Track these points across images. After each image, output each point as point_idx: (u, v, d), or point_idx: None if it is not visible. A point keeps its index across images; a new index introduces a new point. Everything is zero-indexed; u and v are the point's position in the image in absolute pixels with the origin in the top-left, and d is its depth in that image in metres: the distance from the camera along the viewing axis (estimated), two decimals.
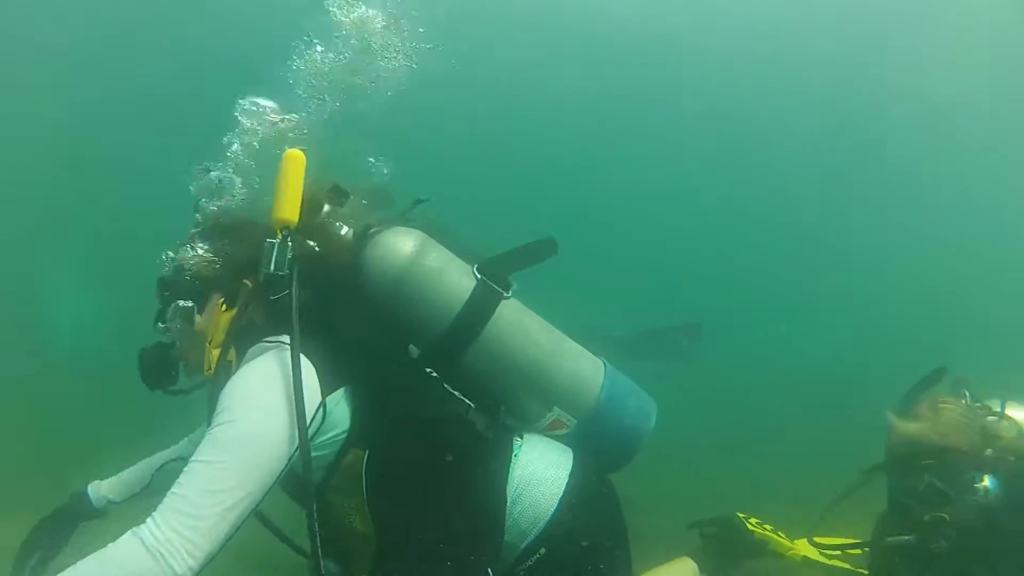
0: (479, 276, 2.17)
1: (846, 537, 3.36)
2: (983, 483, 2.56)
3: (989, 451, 2.56)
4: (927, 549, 2.57)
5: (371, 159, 2.47)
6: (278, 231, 2.00)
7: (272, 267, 1.96)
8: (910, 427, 2.65)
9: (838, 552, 3.37)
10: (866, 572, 3.13)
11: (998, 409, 2.66)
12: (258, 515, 1.89)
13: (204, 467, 1.70)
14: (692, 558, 3.19)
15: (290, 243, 2.00)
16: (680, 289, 14.45)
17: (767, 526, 3.43)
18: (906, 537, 2.62)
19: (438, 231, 2.30)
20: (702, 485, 7.10)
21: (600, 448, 2.25)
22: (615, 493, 2.29)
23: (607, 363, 2.34)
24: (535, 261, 2.34)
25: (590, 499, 2.13)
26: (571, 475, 2.10)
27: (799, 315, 14.59)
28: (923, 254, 16.61)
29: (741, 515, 3.40)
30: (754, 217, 16.42)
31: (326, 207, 2.18)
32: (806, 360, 12.71)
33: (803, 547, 3.45)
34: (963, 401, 2.71)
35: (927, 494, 2.57)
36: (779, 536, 3.42)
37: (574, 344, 2.30)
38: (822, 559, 3.40)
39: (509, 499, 2.02)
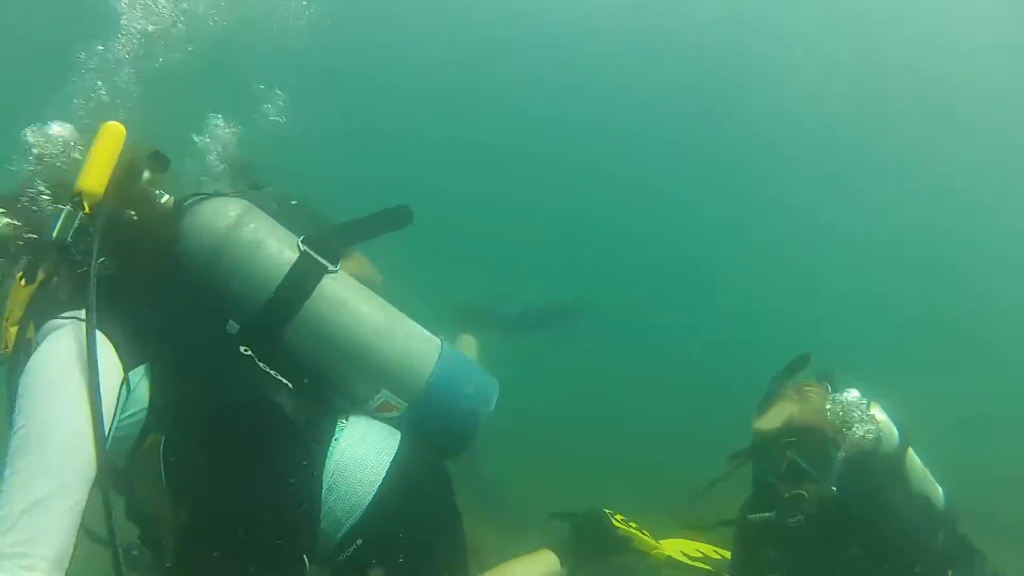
0: (303, 248, 2.03)
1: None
2: (840, 460, 2.78)
3: (847, 433, 2.80)
4: (786, 524, 2.76)
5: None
6: (71, 199, 1.86)
7: (56, 234, 1.82)
8: (776, 407, 2.86)
9: (701, 556, 3.49)
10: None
11: (859, 398, 2.88)
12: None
13: (12, 477, 1.56)
14: (556, 550, 3.26)
15: (87, 212, 1.86)
16: (576, 270, 14.41)
17: (632, 524, 3.45)
18: (767, 514, 2.81)
19: (283, 204, 2.21)
20: (582, 473, 7.08)
21: (434, 432, 2.12)
22: (447, 481, 2.17)
23: (445, 343, 2.19)
24: (384, 231, 2.21)
25: (414, 487, 2.00)
26: (394, 461, 1.98)
27: (690, 302, 14.69)
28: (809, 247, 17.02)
29: (608, 511, 3.42)
30: (653, 203, 16.67)
31: (146, 174, 2.01)
32: (695, 347, 12.99)
33: (669, 547, 3.52)
34: (826, 388, 2.91)
35: (789, 472, 2.76)
36: (644, 535, 3.45)
37: (409, 323, 2.16)
38: (686, 560, 3.50)
39: (325, 485, 1.89)
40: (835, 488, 2.78)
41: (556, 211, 15.96)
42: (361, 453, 1.96)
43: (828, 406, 2.85)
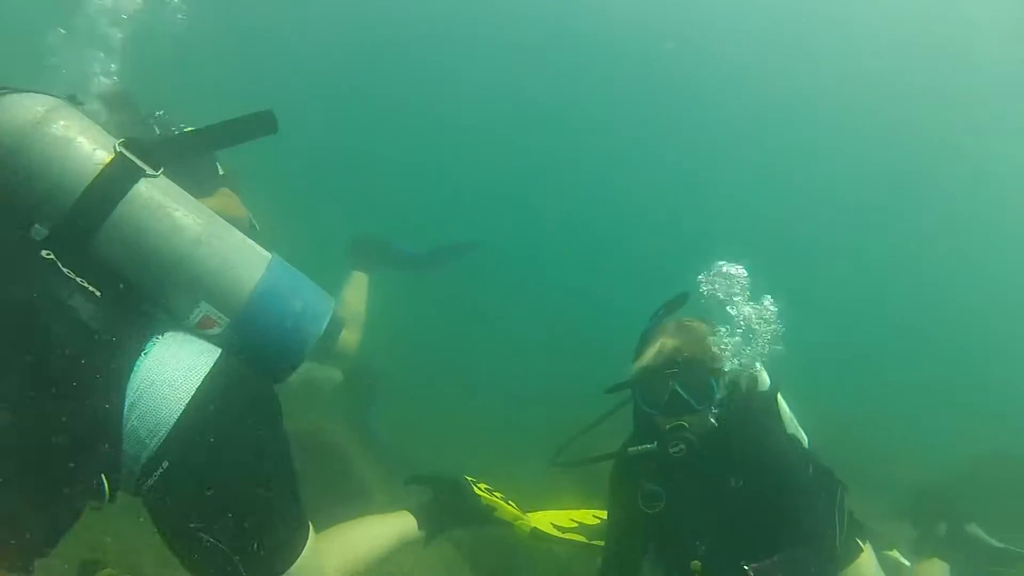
0: (119, 150, 1.88)
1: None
2: (721, 393, 2.84)
3: (726, 365, 2.86)
4: (667, 455, 2.79)
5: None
6: None
7: None
8: (658, 340, 2.90)
9: (576, 525, 3.41)
10: (600, 542, 3.27)
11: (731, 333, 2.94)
12: None
13: None
14: (414, 513, 3.16)
15: None
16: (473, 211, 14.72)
17: (497, 493, 3.38)
18: (648, 446, 2.83)
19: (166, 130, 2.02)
20: (472, 422, 7.26)
21: (258, 351, 1.98)
22: (272, 405, 2.04)
23: (275, 257, 2.07)
24: (244, 139, 2.08)
25: (229, 409, 1.87)
26: (207, 379, 1.84)
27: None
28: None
29: (471, 478, 3.34)
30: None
31: None
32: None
33: (538, 519, 3.43)
34: (705, 323, 3.00)
35: (670, 403, 2.80)
36: (509, 505, 3.36)
37: (237, 235, 2.03)
38: (555, 532, 3.39)
39: (127, 401, 1.75)
40: (715, 419, 2.84)
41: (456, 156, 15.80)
42: (171, 369, 1.83)
43: (709, 338, 2.91)
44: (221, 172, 4.28)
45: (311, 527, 2.16)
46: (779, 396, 3.11)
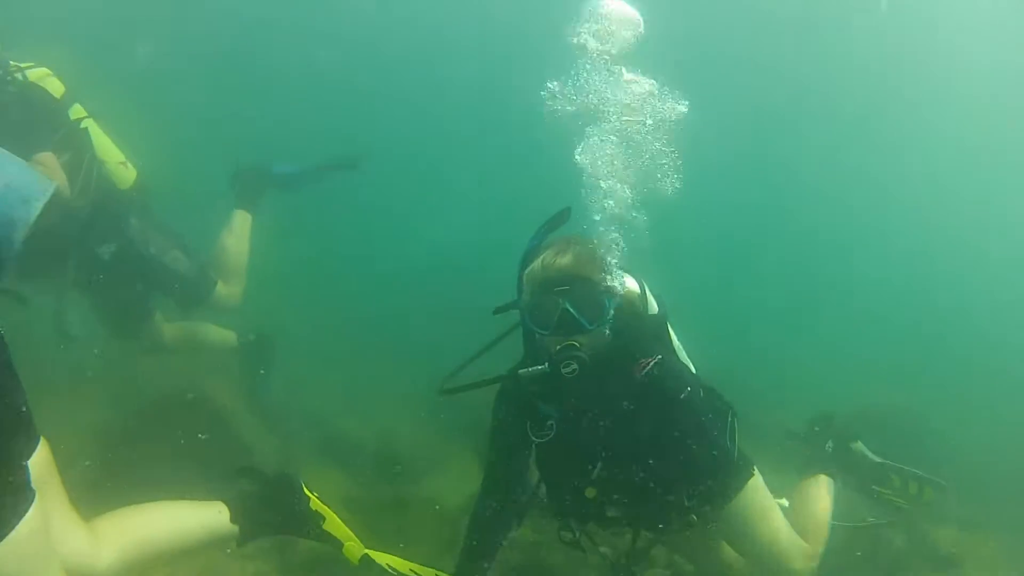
0: None
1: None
2: (611, 311, 2.72)
3: (618, 284, 2.75)
4: (559, 375, 2.66)
5: None
6: None
7: None
8: (546, 257, 2.77)
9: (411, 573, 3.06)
10: None
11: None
12: None
13: None
14: (230, 505, 2.81)
15: None
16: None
17: (331, 511, 3.02)
18: (539, 367, 2.70)
19: None
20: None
21: None
22: None
23: None
24: None
25: None
26: None
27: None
28: None
29: (305, 485, 3.00)
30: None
31: None
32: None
33: (379, 556, 3.09)
34: (591, 240, 2.86)
35: (561, 323, 2.67)
36: (344, 525, 3.03)
37: None
38: (388, 570, 3.03)
39: None
40: (607, 339, 2.76)
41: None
42: None
43: (597, 254, 2.78)
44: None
45: (34, 497, 1.87)
46: (668, 324, 3.06)
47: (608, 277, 2.75)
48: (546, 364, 2.68)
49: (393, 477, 5.12)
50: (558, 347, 2.69)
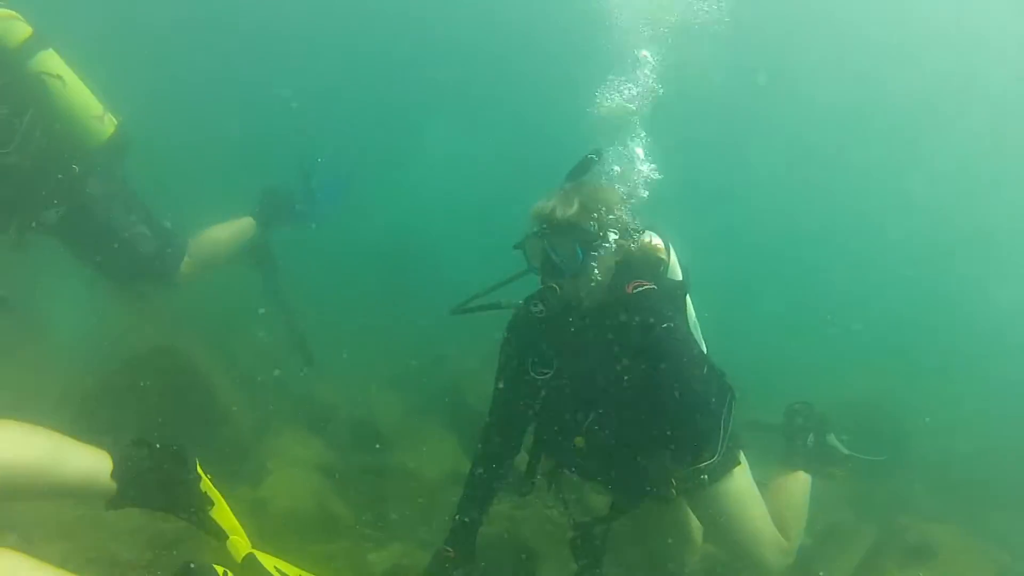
0: None
1: None
2: (584, 259, 2.76)
3: (610, 235, 2.79)
4: (529, 312, 2.78)
5: None
6: None
7: None
8: (542, 199, 2.86)
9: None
10: None
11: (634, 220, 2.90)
12: None
13: None
14: (114, 459, 2.42)
15: None
16: None
17: (223, 500, 2.66)
18: (519, 301, 2.86)
19: None
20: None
21: None
22: None
23: None
24: None
25: None
26: None
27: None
28: None
29: (202, 468, 2.65)
30: None
31: None
32: None
33: (265, 558, 2.66)
34: (614, 194, 2.93)
35: (545, 265, 2.80)
36: (232, 517, 2.65)
37: None
38: (274, 572, 2.61)
39: None
40: (603, 290, 2.78)
41: None
42: None
43: (592, 204, 2.79)
44: None
45: None
46: (688, 300, 3.04)
47: (596, 227, 2.77)
48: (522, 301, 2.80)
49: (370, 448, 5.08)
50: (542, 286, 2.79)
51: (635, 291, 2.74)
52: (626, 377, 2.75)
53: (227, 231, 5.03)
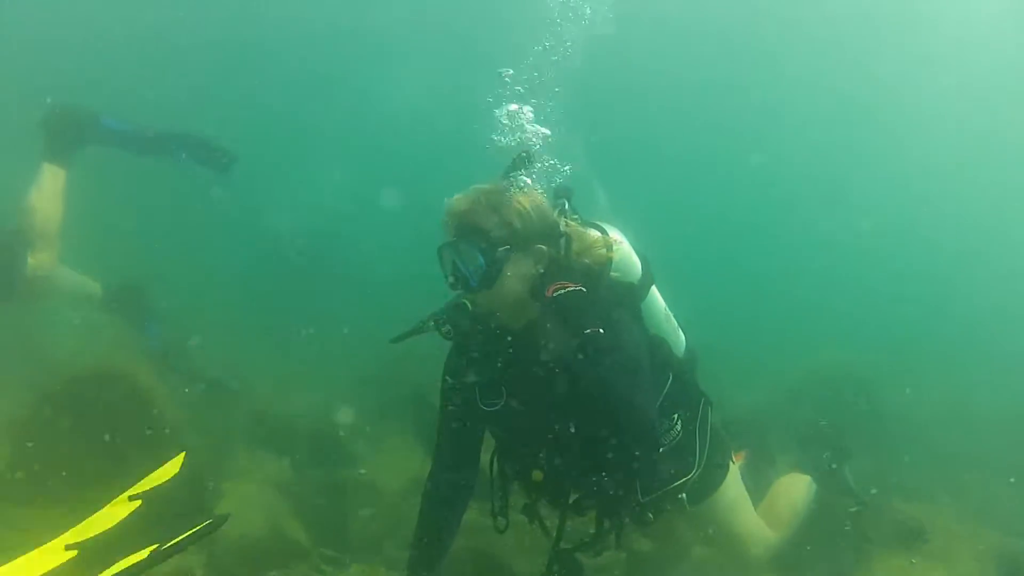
0: None
1: None
2: (488, 269, 2.33)
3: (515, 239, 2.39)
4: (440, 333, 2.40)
5: None
6: None
7: None
8: (455, 199, 2.44)
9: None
10: None
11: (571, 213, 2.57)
12: None
13: None
14: None
15: None
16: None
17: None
18: (431, 323, 2.42)
19: None
20: None
21: None
22: None
23: None
24: None
25: None
26: None
27: None
28: None
29: None
30: None
31: None
32: None
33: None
34: (535, 198, 2.48)
35: (455, 277, 2.36)
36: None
37: None
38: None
39: None
40: (511, 300, 2.40)
41: None
42: None
43: (504, 203, 2.40)
44: None
45: None
46: (653, 290, 2.67)
47: (507, 232, 2.36)
48: (429, 322, 2.41)
49: (329, 461, 4.82)
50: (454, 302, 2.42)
51: (555, 294, 2.33)
52: (567, 398, 2.39)
53: (40, 195, 4.35)
